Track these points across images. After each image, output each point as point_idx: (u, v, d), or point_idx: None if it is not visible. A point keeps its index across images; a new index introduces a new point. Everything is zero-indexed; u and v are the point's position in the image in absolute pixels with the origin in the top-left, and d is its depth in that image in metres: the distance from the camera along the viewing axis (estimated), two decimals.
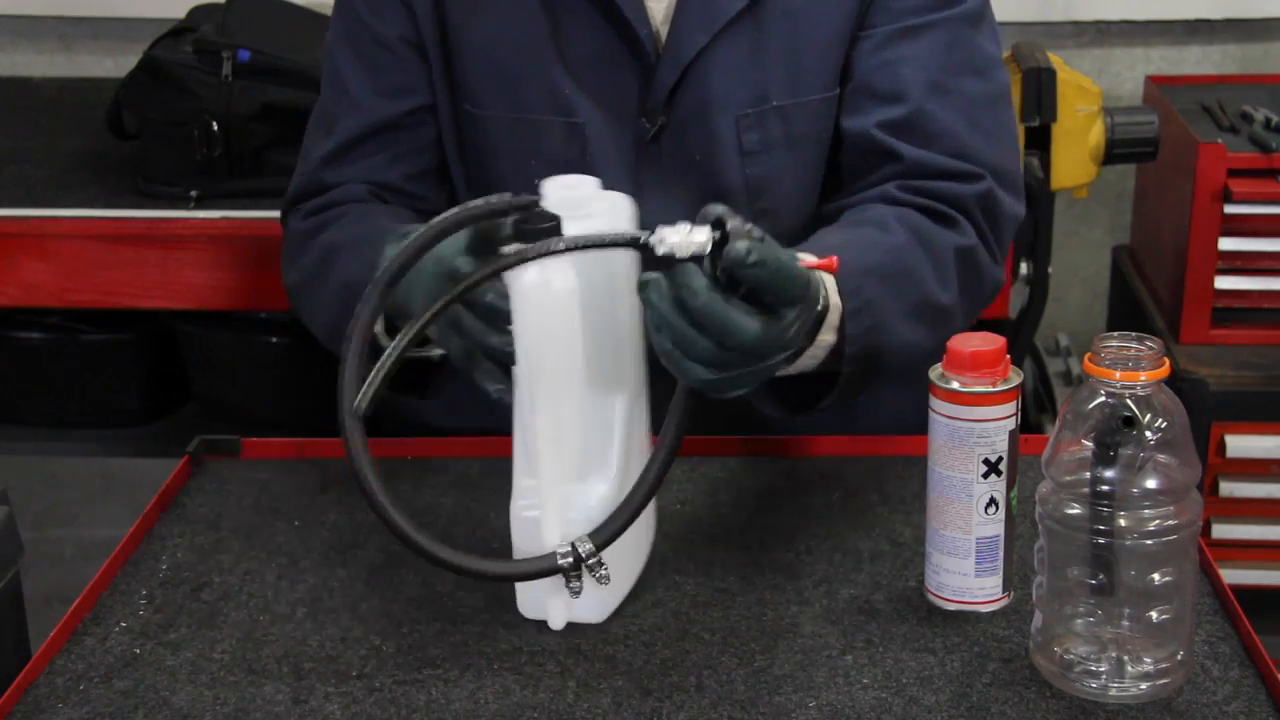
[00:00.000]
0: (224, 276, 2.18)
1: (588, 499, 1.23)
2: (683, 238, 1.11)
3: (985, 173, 1.49)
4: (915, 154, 1.48)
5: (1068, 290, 2.87)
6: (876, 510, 1.43)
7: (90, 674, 1.22)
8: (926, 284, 1.41)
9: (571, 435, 1.21)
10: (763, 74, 1.51)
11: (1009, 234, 1.54)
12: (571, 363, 1.19)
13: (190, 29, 2.31)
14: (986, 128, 1.51)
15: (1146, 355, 1.14)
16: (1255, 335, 2.32)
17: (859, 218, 1.46)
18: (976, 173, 1.49)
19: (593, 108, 1.51)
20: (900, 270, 1.38)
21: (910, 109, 1.49)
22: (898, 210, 1.46)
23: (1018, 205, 1.54)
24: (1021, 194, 1.55)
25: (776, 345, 1.16)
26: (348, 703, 1.18)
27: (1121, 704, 1.16)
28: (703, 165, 1.52)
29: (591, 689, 1.19)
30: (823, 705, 1.17)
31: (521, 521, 1.23)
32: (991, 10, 1.56)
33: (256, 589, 1.33)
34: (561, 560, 1.19)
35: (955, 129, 1.49)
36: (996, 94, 1.54)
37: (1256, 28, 2.76)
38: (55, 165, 2.35)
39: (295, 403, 2.26)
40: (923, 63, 1.50)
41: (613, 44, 1.50)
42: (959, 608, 1.27)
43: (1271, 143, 2.29)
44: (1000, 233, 1.52)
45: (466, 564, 1.21)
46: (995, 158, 1.51)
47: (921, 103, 1.49)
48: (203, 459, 1.53)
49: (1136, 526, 1.14)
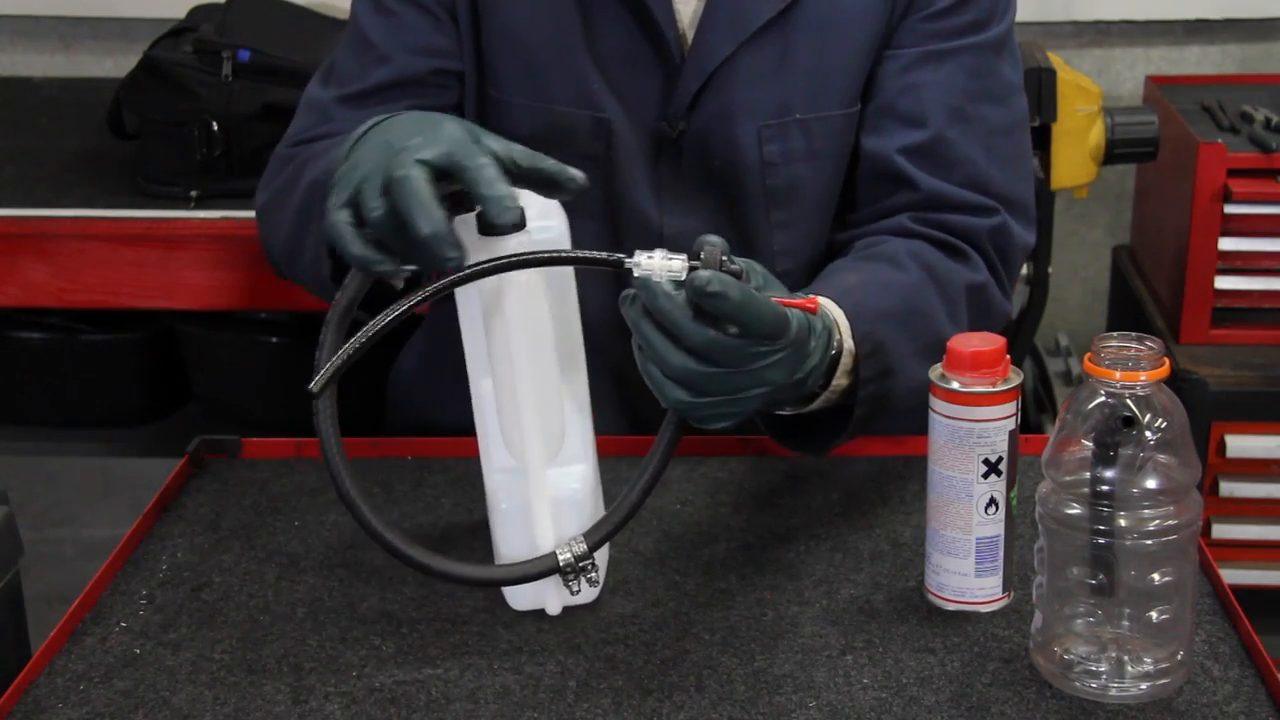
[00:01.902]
0: (224, 276, 2.19)
1: (570, 479, 1.24)
2: (659, 263, 1.12)
3: (999, 206, 1.50)
4: (932, 185, 1.49)
5: (1068, 290, 2.87)
6: (876, 510, 1.43)
7: (90, 674, 1.22)
8: (938, 322, 1.41)
9: (554, 417, 1.24)
10: (787, 85, 1.50)
11: (1019, 265, 1.56)
12: (547, 345, 1.21)
13: (190, 29, 2.31)
14: (1003, 156, 1.52)
15: (1146, 355, 1.14)
16: (1255, 335, 2.32)
17: (872, 253, 1.47)
18: (991, 206, 1.50)
19: (617, 106, 1.51)
20: (913, 311, 1.39)
21: (931, 135, 1.50)
22: (910, 244, 1.46)
23: (1028, 235, 1.55)
24: (1033, 223, 1.56)
25: (752, 378, 1.15)
26: (348, 703, 1.18)
27: (1121, 704, 1.16)
28: (722, 173, 1.52)
29: (591, 689, 1.19)
30: (823, 705, 1.17)
31: (504, 514, 1.24)
32: (1014, 38, 1.56)
33: (256, 589, 1.33)
34: (562, 561, 1.20)
35: (973, 157, 1.50)
36: (1015, 123, 1.55)
37: (1256, 28, 2.76)
38: (55, 165, 2.35)
39: (295, 403, 2.25)
40: (946, 88, 1.50)
41: (639, 43, 1.50)
42: (959, 608, 1.27)
43: (1271, 143, 2.29)
44: (1010, 265, 1.53)
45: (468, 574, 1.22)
46: (1010, 188, 1.52)
47: (942, 129, 1.50)
48: (203, 459, 1.53)
49: (1136, 526, 1.14)
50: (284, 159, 1.52)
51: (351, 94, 1.53)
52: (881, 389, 1.33)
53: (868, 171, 1.53)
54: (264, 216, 1.53)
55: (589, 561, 1.20)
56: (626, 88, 1.51)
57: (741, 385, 1.15)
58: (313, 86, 1.58)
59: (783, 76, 1.50)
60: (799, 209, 1.54)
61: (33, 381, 2.40)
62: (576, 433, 1.26)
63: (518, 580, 1.23)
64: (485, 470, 1.26)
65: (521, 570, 1.22)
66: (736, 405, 1.16)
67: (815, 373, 1.23)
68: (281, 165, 1.51)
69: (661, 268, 1.12)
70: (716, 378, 1.14)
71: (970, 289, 1.46)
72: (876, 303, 1.35)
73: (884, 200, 1.52)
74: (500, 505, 1.25)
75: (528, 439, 1.22)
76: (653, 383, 1.16)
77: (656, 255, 1.12)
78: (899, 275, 1.42)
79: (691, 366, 1.13)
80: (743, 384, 1.15)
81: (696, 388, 1.14)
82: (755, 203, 1.53)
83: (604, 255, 1.14)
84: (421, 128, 1.17)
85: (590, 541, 1.20)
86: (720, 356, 1.13)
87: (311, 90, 1.58)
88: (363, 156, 1.18)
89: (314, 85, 1.58)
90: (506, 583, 1.24)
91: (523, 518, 1.23)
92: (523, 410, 1.21)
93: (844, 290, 1.35)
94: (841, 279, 1.39)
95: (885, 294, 1.38)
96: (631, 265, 1.13)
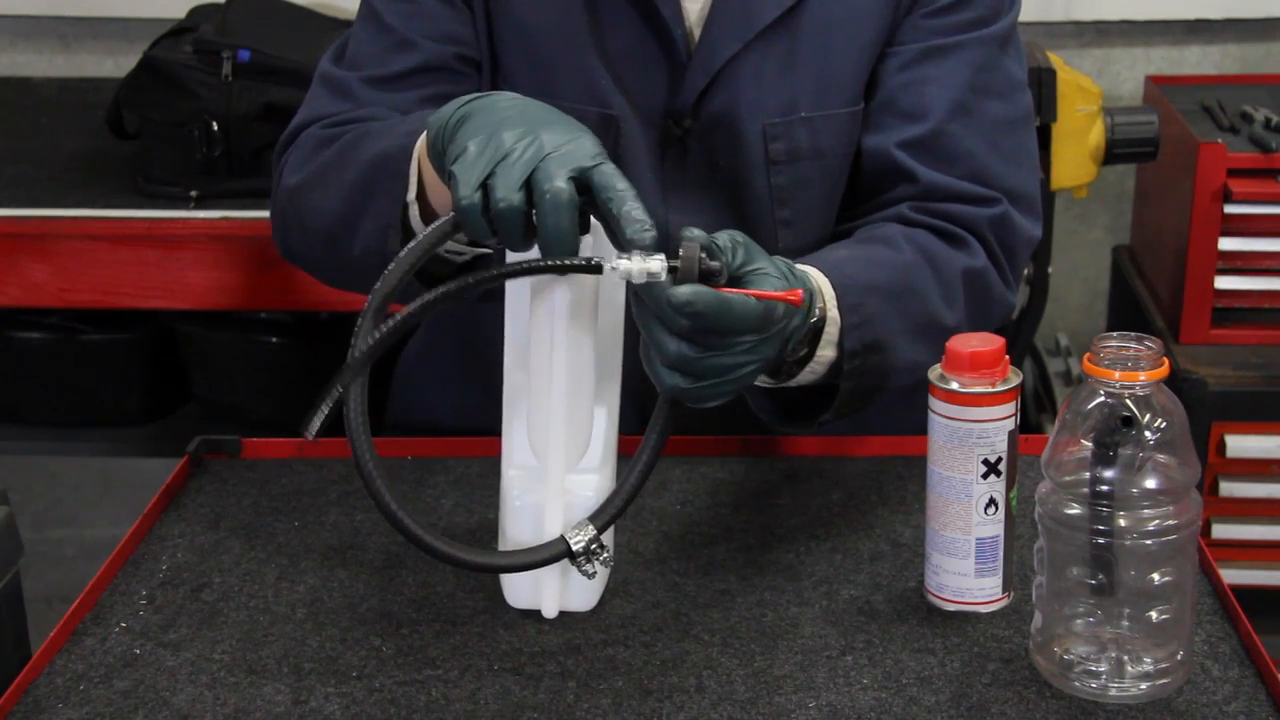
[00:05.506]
0: (224, 276, 2.19)
1: (586, 487, 1.24)
2: (637, 264, 1.13)
3: (1001, 197, 1.50)
4: (931, 176, 1.49)
5: (1068, 290, 2.87)
6: (876, 510, 1.43)
7: (90, 674, 1.22)
8: (932, 304, 1.41)
9: (582, 423, 1.24)
10: (793, 84, 1.50)
11: (1024, 258, 1.55)
12: (588, 350, 1.22)
13: (190, 29, 2.31)
14: (1007, 151, 1.52)
15: (1146, 355, 1.14)
16: (1255, 335, 2.32)
17: (868, 235, 1.47)
18: (992, 197, 1.49)
19: (624, 102, 1.51)
20: (905, 289, 1.39)
21: (931, 128, 1.49)
22: (908, 230, 1.46)
23: (1034, 228, 1.54)
24: (1039, 217, 1.55)
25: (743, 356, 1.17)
26: (348, 703, 1.18)
27: (1121, 704, 1.16)
28: (728, 172, 1.52)
29: (591, 689, 1.19)
30: (823, 705, 1.17)
31: (516, 511, 1.24)
32: (1019, 33, 1.56)
33: (256, 589, 1.33)
34: (575, 544, 1.20)
35: (975, 151, 1.50)
36: (1019, 117, 1.54)
37: (1256, 28, 2.76)
38: (55, 165, 2.36)
39: (295, 403, 2.25)
40: (948, 83, 1.50)
41: (646, 40, 1.50)
42: (959, 608, 1.27)
43: (1271, 143, 2.29)
44: (1014, 257, 1.52)
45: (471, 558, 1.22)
46: (1013, 181, 1.51)
47: (943, 123, 1.49)
48: (203, 459, 1.53)
49: (1136, 526, 1.14)
50: (322, 139, 1.48)
51: (377, 77, 1.51)
52: (869, 363, 1.33)
53: (868, 168, 1.53)
54: (297, 197, 1.48)
55: (598, 544, 1.21)
56: (633, 84, 1.51)
57: (734, 364, 1.17)
58: (328, 66, 1.56)
59: (788, 75, 1.50)
60: (804, 207, 1.54)
61: (33, 381, 2.40)
62: (601, 442, 1.26)
63: (528, 566, 1.22)
64: (504, 463, 1.26)
65: (531, 556, 1.22)
66: (730, 384, 1.18)
67: (795, 337, 1.24)
68: (318, 145, 1.48)
69: (640, 270, 1.13)
70: (709, 360, 1.16)
71: (967, 274, 1.46)
72: (866, 277, 1.35)
73: (884, 193, 1.52)
74: (514, 501, 1.25)
75: (553, 440, 1.22)
76: (650, 370, 1.18)
77: (634, 257, 1.13)
78: (892, 254, 1.42)
79: (685, 353, 1.15)
80: (735, 363, 1.17)
81: (691, 372, 1.16)
82: (760, 201, 1.53)
83: (582, 261, 1.15)
84: (569, 130, 1.18)
85: (597, 524, 1.21)
86: (710, 341, 1.16)
87: (328, 69, 1.55)
88: (494, 137, 1.18)
89: (328, 65, 1.56)
90: (516, 569, 1.23)
91: (535, 516, 1.23)
92: (554, 411, 1.21)
93: (833, 264, 1.35)
94: (833, 254, 1.40)
95: (875, 269, 1.38)
96: (609, 269, 1.14)
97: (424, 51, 1.51)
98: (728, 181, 1.53)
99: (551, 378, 1.21)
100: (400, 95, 1.50)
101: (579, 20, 1.50)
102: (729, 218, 1.53)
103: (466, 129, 1.20)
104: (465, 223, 1.17)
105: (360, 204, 1.37)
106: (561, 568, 1.23)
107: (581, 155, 1.16)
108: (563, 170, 1.15)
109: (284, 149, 1.54)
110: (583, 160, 1.16)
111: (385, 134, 1.39)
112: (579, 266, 1.15)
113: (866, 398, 1.36)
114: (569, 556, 1.20)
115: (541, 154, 1.16)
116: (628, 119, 1.50)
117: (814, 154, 1.52)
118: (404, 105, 1.49)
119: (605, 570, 1.25)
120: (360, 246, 1.38)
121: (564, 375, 1.21)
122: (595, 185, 1.16)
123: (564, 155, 1.16)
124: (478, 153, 1.17)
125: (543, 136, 1.17)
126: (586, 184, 1.16)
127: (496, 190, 1.15)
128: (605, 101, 1.50)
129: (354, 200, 1.38)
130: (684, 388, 1.17)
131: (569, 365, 1.21)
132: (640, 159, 1.51)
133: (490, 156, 1.16)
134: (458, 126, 1.21)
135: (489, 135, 1.18)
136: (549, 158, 1.16)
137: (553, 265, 1.16)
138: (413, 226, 1.35)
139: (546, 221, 1.15)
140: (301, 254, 1.50)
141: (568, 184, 1.15)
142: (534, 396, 1.23)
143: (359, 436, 1.18)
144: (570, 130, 1.18)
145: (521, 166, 1.16)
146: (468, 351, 1.61)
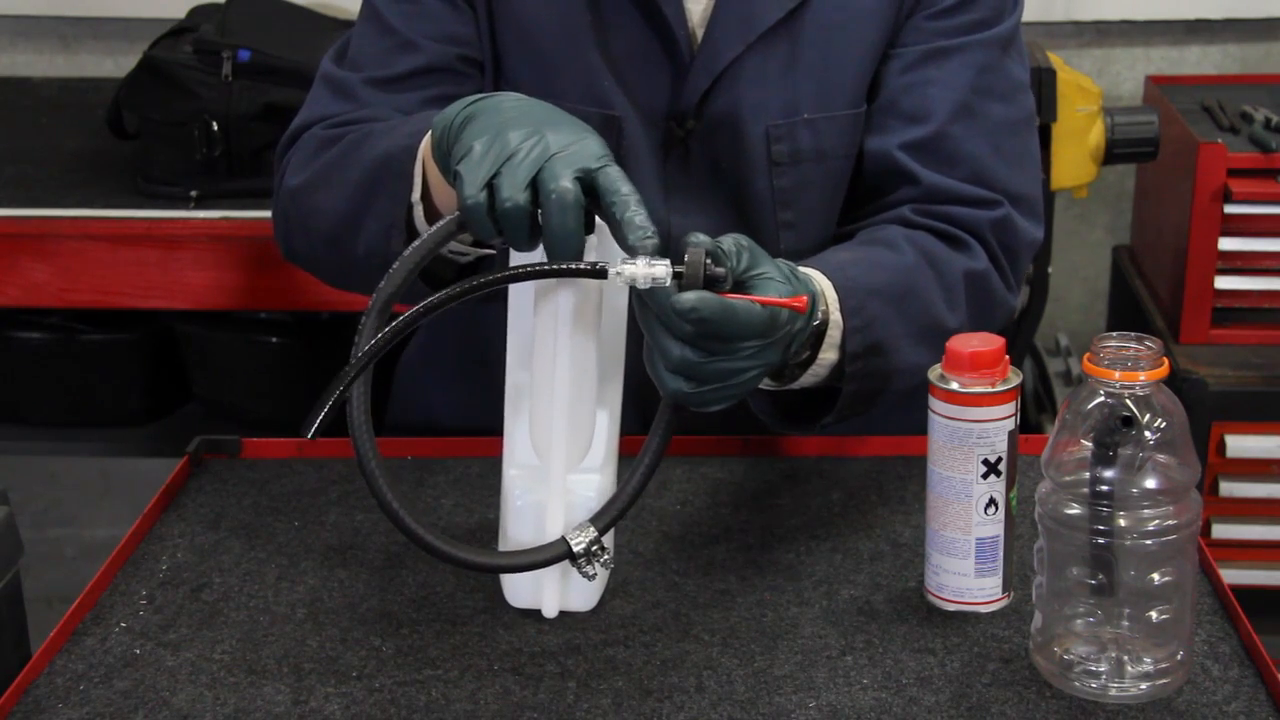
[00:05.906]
0: (224, 276, 2.19)
1: (587, 488, 1.24)
2: (642, 270, 1.13)
3: (1003, 199, 1.50)
4: (932, 179, 1.49)
5: (1068, 290, 2.87)
6: (876, 510, 1.43)
7: (90, 674, 1.22)
8: (933, 306, 1.41)
9: (584, 424, 1.24)
10: (795, 86, 1.50)
11: (1026, 260, 1.55)
12: (591, 351, 1.22)
13: (190, 29, 2.31)
14: (1009, 153, 1.52)
15: (1146, 355, 1.14)
16: (1255, 335, 2.32)
17: (870, 237, 1.47)
18: (994, 199, 1.49)
19: (627, 103, 1.51)
20: (906, 291, 1.39)
21: (933, 130, 1.49)
22: (910, 232, 1.46)
23: (1036, 231, 1.54)
24: (1041, 219, 1.55)
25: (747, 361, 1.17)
26: (348, 703, 1.18)
27: (1121, 704, 1.16)
28: (730, 173, 1.52)
29: (591, 689, 1.19)
30: (823, 705, 1.17)
31: (517, 510, 1.24)
32: (1021, 35, 1.56)
33: (256, 589, 1.33)
34: (575, 545, 1.20)
35: (977, 154, 1.50)
36: (1021, 119, 1.54)
37: (1256, 28, 2.76)
38: (55, 165, 2.35)
39: (295, 403, 2.26)
40: (950, 85, 1.50)
41: (649, 41, 1.50)
42: (959, 608, 1.27)
43: (1271, 143, 2.29)
44: (1016, 259, 1.52)
45: (471, 558, 1.22)
46: (1015, 184, 1.51)
47: (946, 125, 1.49)
48: (203, 459, 1.53)
49: (1136, 526, 1.14)
50: (325, 140, 1.48)
51: (380, 78, 1.51)
52: (871, 366, 1.33)
53: (870, 170, 1.53)
54: (300, 197, 1.48)
55: (599, 546, 1.21)
56: (636, 86, 1.51)
57: (737, 369, 1.17)
58: (329, 66, 1.55)
59: (791, 77, 1.50)
60: (806, 209, 1.54)
61: (33, 381, 2.40)
62: (603, 443, 1.26)
63: (528, 566, 1.22)
64: (505, 462, 1.26)
65: (532, 556, 1.22)
66: (734, 389, 1.18)
67: (798, 340, 1.24)
68: (321, 145, 1.48)
69: (645, 275, 1.13)
70: (713, 365, 1.16)
71: (969, 276, 1.46)
72: (867, 280, 1.35)
73: (886, 195, 1.52)
74: (515, 501, 1.25)
75: (555, 440, 1.22)
76: (654, 374, 1.18)
77: (639, 262, 1.13)
78: (893, 256, 1.42)
79: (689, 357, 1.15)
80: (739, 368, 1.17)
81: (695, 376, 1.16)
82: (763, 202, 1.53)
83: (587, 265, 1.15)
84: (574, 131, 1.18)
85: (598, 526, 1.21)
86: (714, 346, 1.16)
87: (329, 70, 1.55)
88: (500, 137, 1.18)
89: (330, 65, 1.56)
90: (517, 569, 1.23)
91: (536, 516, 1.23)
92: (556, 411, 1.22)
93: (835, 266, 1.35)
94: (835, 256, 1.40)
95: (877, 272, 1.38)
96: (614, 274, 1.14)
97: (426, 53, 1.51)
98: (730, 183, 1.53)
99: (554, 378, 1.21)
100: (403, 96, 1.50)
101: (581, 21, 1.50)
102: (731, 219, 1.53)
103: (472, 129, 1.20)
104: (470, 222, 1.17)
105: (364, 204, 1.38)
106: (562, 568, 1.23)
107: (587, 156, 1.16)
108: (568, 170, 1.15)
109: (285, 150, 1.53)
110: (588, 161, 1.16)
111: (389, 134, 1.40)
112: (584, 271, 1.15)
113: (868, 400, 1.36)
114: (569, 558, 1.21)
115: (547, 154, 1.16)
116: (630, 120, 1.50)
117: (816, 156, 1.52)
118: (406, 106, 1.49)
119: (605, 571, 1.25)
120: (364, 247, 1.38)
121: (567, 375, 1.21)
122: (600, 188, 1.16)
123: (570, 155, 1.16)
124: (483, 152, 1.17)
125: (548, 137, 1.17)
126: (591, 185, 1.16)
127: (502, 190, 1.16)
128: (607, 102, 1.50)
129: (357, 200, 1.38)
130: (687, 392, 1.17)
131: (572, 365, 1.21)
132: (643, 160, 1.51)
133: (496, 156, 1.17)
134: (463, 126, 1.21)
135: (494, 135, 1.18)
136: (555, 158, 1.16)
137: (557, 270, 1.16)
138: (417, 227, 1.35)
139: (552, 221, 1.15)
140: (304, 255, 1.50)
141: (574, 184, 1.15)
142: (536, 397, 1.23)
143: (361, 436, 1.18)
144: (576, 131, 1.18)
145: (527, 166, 1.16)
146: (468, 352, 1.61)
